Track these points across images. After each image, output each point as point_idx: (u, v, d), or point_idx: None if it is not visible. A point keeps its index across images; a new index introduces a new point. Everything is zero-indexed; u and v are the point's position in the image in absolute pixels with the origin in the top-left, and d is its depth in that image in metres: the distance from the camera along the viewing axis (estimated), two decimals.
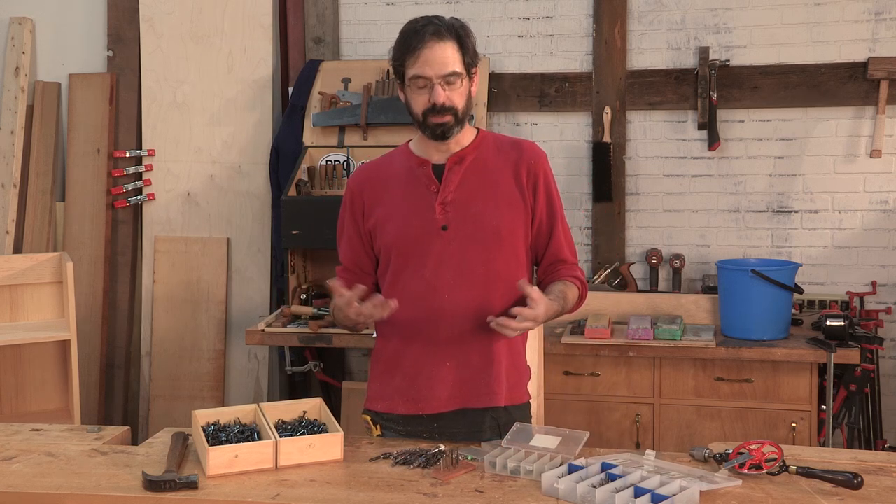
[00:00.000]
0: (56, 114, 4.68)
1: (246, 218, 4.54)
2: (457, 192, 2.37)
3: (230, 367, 4.55)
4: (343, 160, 4.21)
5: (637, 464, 2.11)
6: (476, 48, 2.37)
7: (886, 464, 2.17)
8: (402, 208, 2.39)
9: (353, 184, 2.49)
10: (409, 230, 2.37)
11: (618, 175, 4.29)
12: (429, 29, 2.30)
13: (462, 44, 2.31)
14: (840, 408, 3.62)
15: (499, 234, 2.37)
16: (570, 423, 3.57)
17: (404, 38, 2.33)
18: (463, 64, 2.31)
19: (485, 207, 2.36)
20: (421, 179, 2.39)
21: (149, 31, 4.58)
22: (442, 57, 2.28)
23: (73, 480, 2.11)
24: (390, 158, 2.50)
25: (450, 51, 2.30)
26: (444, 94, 2.30)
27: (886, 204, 4.11)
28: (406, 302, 2.35)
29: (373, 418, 2.48)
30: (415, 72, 2.30)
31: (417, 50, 2.29)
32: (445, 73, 2.29)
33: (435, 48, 2.28)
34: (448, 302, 2.35)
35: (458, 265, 2.35)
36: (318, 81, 4.36)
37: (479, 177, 2.39)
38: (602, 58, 4.27)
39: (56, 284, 3.97)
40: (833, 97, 4.10)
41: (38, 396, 3.99)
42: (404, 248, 2.38)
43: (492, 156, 2.42)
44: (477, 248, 2.36)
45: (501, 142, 2.47)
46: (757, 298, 3.60)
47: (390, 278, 2.42)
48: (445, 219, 2.36)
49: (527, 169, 2.40)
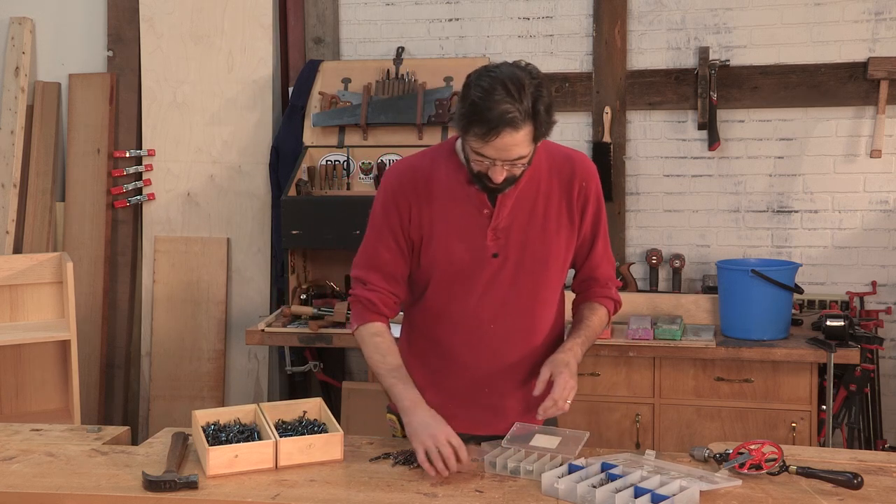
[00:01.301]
0: (56, 114, 4.68)
1: (246, 218, 4.54)
2: (510, 217, 2.25)
3: (230, 367, 4.55)
4: (343, 160, 4.21)
5: (637, 464, 2.11)
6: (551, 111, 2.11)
7: (886, 464, 2.17)
8: (452, 229, 2.25)
9: (396, 185, 2.28)
10: (458, 255, 2.26)
11: (618, 175, 4.29)
12: (505, 118, 2.02)
13: (537, 121, 2.07)
14: (840, 408, 3.62)
15: (547, 263, 2.29)
16: (570, 423, 3.56)
17: (474, 112, 2.05)
18: (532, 141, 2.10)
19: (536, 235, 2.27)
20: (472, 199, 2.24)
21: (149, 31, 4.58)
22: (511, 145, 2.07)
23: (73, 480, 2.11)
24: (433, 161, 2.29)
25: (521, 136, 2.06)
26: (503, 174, 2.13)
27: (886, 204, 4.11)
28: (446, 325, 2.31)
29: (399, 421, 2.35)
30: (478, 148, 2.10)
31: (487, 137, 2.05)
32: (511, 158, 2.10)
33: (507, 139, 2.05)
34: (492, 332, 2.29)
35: (504, 294, 2.28)
36: (318, 81, 4.36)
37: (531, 200, 2.26)
38: (602, 58, 4.27)
39: (56, 284, 3.97)
40: (833, 97, 4.10)
41: (38, 396, 3.99)
42: (451, 272, 2.27)
43: (545, 174, 2.28)
44: (526, 277, 2.28)
45: (554, 155, 2.31)
46: (757, 298, 3.60)
47: (431, 299, 2.32)
48: (496, 246, 2.25)
49: (578, 188, 2.29)
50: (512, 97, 2.04)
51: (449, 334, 2.32)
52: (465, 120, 2.07)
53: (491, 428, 2.33)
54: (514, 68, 2.11)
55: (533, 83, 2.07)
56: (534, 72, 2.12)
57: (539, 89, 2.08)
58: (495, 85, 2.05)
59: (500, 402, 2.36)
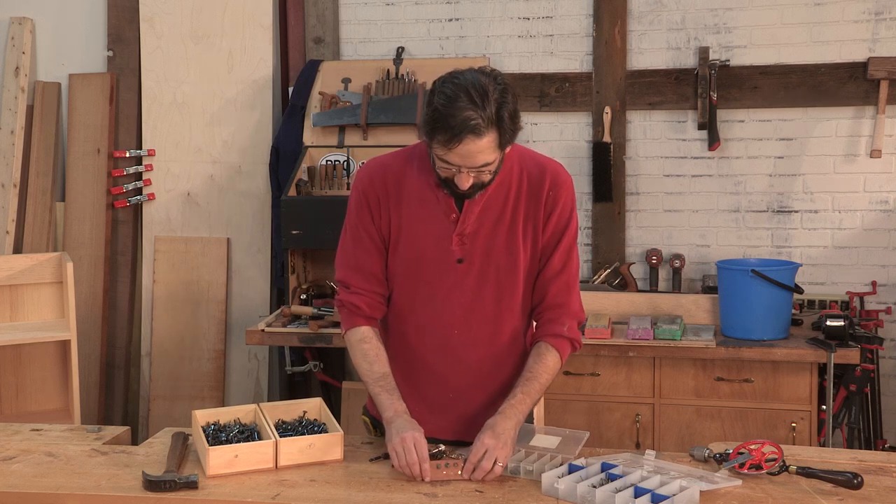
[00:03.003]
0: (56, 114, 4.68)
1: (246, 218, 4.54)
2: (476, 223, 2.23)
3: (230, 367, 4.55)
4: (343, 160, 4.21)
5: (637, 464, 2.11)
6: (516, 118, 2.09)
7: (886, 464, 2.17)
8: (419, 232, 2.25)
9: (367, 183, 2.29)
10: (424, 258, 2.26)
11: (618, 175, 4.29)
12: (468, 125, 2.02)
13: (501, 128, 2.06)
14: (840, 408, 3.62)
15: (513, 271, 2.26)
16: (570, 423, 3.58)
17: (437, 119, 2.05)
18: (497, 147, 2.09)
19: (502, 242, 2.24)
20: (440, 203, 2.24)
21: (149, 31, 4.58)
22: (475, 152, 2.06)
23: (73, 480, 2.11)
24: (405, 162, 2.30)
25: (485, 143, 2.06)
26: (470, 181, 2.12)
27: (886, 204, 4.11)
28: (413, 330, 2.31)
29: (372, 422, 2.44)
30: (442, 155, 2.09)
31: (450, 143, 2.05)
32: (476, 165, 2.10)
33: (470, 146, 2.05)
34: (457, 337, 2.28)
35: (469, 301, 2.26)
36: (318, 81, 4.36)
37: (499, 208, 2.24)
38: (602, 58, 4.27)
39: (56, 284, 3.97)
40: (833, 97, 4.10)
41: (38, 396, 3.99)
42: (417, 275, 2.27)
43: (515, 181, 2.25)
44: (490, 284, 2.26)
45: (526, 161, 2.28)
46: (757, 298, 3.60)
47: (398, 300, 2.33)
48: (462, 251, 2.24)
49: (547, 194, 2.25)
50: (475, 104, 2.03)
51: (416, 336, 2.31)
52: (429, 127, 2.07)
53: (466, 435, 2.25)
54: (479, 74, 2.08)
55: (497, 89, 2.06)
56: (499, 78, 2.10)
57: (504, 95, 2.07)
58: (458, 92, 2.04)
59: (469, 409, 2.32)
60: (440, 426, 2.31)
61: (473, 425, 2.21)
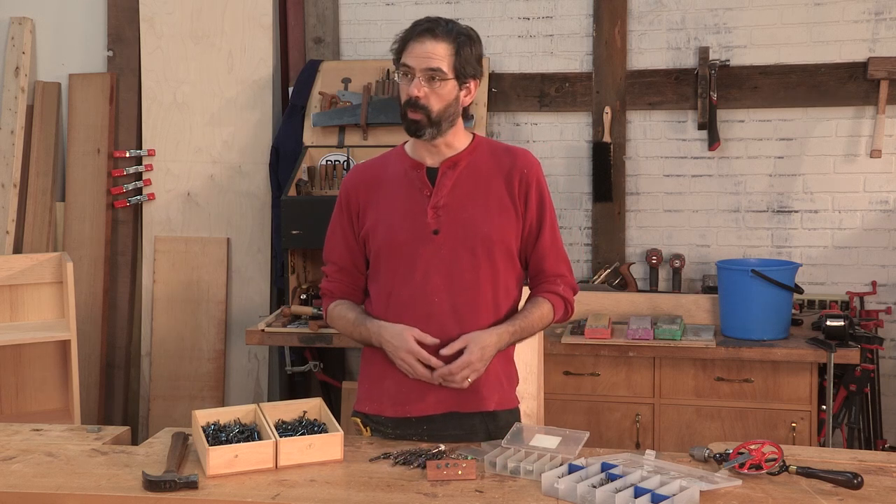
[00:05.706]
0: (56, 114, 4.68)
1: (246, 218, 4.54)
2: (449, 197, 2.36)
3: (230, 367, 4.55)
4: (343, 160, 4.21)
5: (637, 464, 2.11)
6: (479, 62, 2.35)
7: (886, 464, 2.17)
8: (395, 211, 2.38)
9: (348, 184, 2.48)
10: (400, 234, 2.36)
11: (618, 175, 4.29)
12: (425, 24, 2.30)
13: (458, 48, 2.29)
14: (840, 408, 3.62)
15: (489, 240, 2.35)
16: (570, 423, 3.58)
17: (404, 31, 2.35)
18: (452, 67, 2.29)
19: (476, 213, 2.35)
20: (414, 182, 2.39)
21: (149, 31, 4.58)
22: (430, 51, 2.28)
23: (73, 480, 2.11)
24: (385, 160, 2.49)
25: (440, 49, 2.28)
26: (420, 89, 2.29)
27: (886, 204, 4.11)
28: (396, 306, 2.36)
29: (362, 420, 2.46)
30: (403, 59, 2.31)
31: (408, 41, 2.30)
32: (427, 66, 2.28)
33: (426, 43, 2.28)
34: (437, 306, 2.34)
35: (448, 270, 2.35)
36: (318, 81, 4.36)
37: (471, 182, 2.37)
38: (602, 58, 4.27)
39: (56, 284, 3.97)
40: (833, 97, 4.10)
41: (38, 396, 3.99)
42: (395, 251, 2.37)
43: (485, 162, 2.40)
44: (467, 253, 2.35)
45: (496, 148, 2.45)
46: (757, 298, 3.60)
47: (381, 281, 2.41)
48: (437, 223, 2.35)
49: (519, 177, 2.39)
50: (437, 23, 2.31)
51: (400, 315, 2.36)
52: (396, 46, 2.33)
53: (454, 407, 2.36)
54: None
55: (465, 30, 2.33)
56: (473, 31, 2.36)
57: (469, 34, 2.33)
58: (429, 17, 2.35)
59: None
60: (429, 401, 2.36)
61: (458, 392, 2.33)
